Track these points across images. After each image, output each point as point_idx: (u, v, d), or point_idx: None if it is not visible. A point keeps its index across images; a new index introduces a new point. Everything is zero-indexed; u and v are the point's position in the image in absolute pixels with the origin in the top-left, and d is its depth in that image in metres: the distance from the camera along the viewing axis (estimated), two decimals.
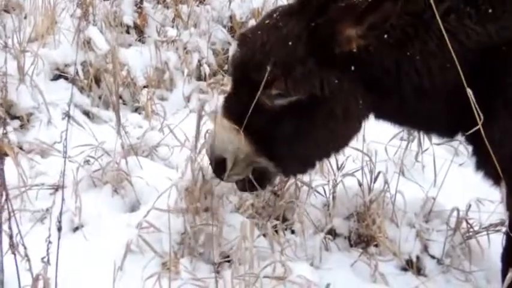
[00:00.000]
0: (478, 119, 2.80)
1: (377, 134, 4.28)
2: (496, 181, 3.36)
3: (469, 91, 2.81)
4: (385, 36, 3.14)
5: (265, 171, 3.49)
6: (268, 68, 3.12)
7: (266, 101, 3.21)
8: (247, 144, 3.32)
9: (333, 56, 3.15)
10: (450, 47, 2.91)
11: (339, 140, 3.46)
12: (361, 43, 3.13)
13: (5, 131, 3.10)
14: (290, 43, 3.16)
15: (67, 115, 3.30)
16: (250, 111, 3.20)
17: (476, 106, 2.81)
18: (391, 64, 3.17)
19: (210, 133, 3.60)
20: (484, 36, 3.13)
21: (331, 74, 3.17)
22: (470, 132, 2.90)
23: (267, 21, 3.33)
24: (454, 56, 2.90)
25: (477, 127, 2.83)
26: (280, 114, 3.24)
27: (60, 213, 3.07)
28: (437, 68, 3.13)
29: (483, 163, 3.36)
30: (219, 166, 3.42)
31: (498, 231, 4.11)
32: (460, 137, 3.59)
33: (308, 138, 3.31)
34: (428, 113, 3.34)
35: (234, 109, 3.35)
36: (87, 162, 4.49)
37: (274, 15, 3.34)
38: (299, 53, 3.16)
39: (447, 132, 3.57)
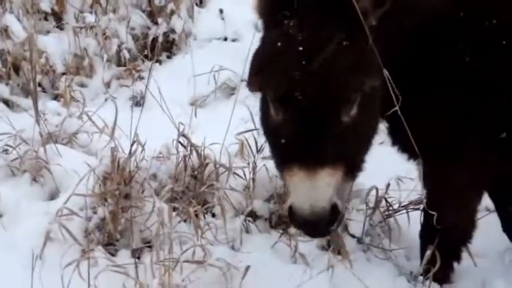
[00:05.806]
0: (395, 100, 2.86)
1: None
2: (411, 155, 3.43)
3: (385, 72, 2.84)
4: None
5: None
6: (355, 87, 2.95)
7: (345, 119, 2.98)
8: (342, 177, 3.05)
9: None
10: None
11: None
12: None
13: None
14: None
15: None
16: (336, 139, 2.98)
17: (394, 86, 2.86)
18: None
19: (306, 195, 3.01)
20: None
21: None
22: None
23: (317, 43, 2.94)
24: None
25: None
26: (354, 122, 3.01)
27: None
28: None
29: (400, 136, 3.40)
30: (332, 217, 3.02)
31: (417, 209, 4.16)
32: None
33: (375, 124, 3.24)
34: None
35: (324, 150, 2.97)
36: (5, 151, 4.46)
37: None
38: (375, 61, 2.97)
39: None
